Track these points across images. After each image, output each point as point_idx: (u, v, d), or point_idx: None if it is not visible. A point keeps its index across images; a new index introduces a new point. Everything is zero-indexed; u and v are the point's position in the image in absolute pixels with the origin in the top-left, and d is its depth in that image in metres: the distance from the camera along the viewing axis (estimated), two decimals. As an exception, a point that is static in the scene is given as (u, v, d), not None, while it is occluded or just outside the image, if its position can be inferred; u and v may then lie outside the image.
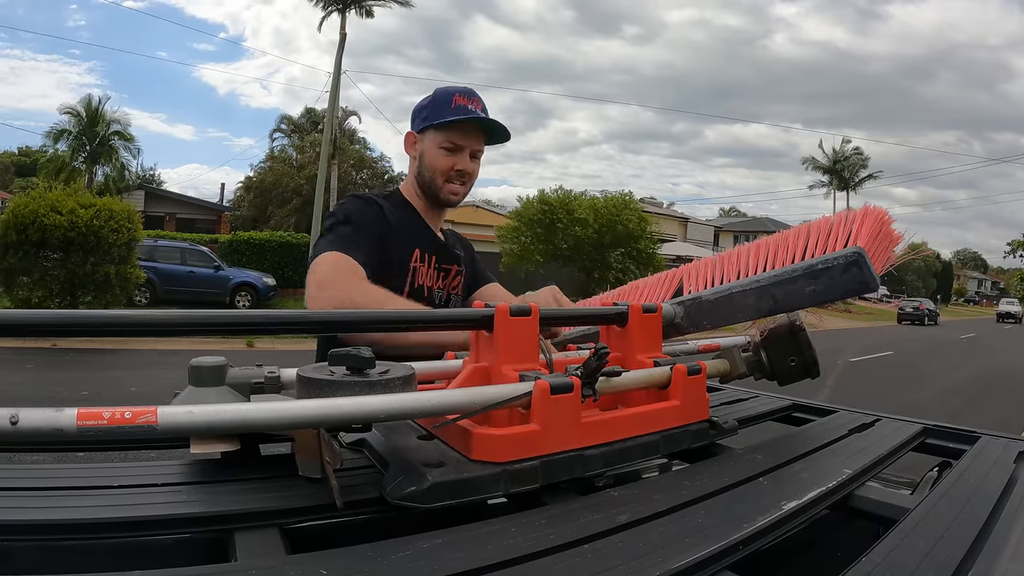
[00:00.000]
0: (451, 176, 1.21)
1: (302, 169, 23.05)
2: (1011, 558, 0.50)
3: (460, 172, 1.22)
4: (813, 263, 0.77)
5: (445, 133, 1.19)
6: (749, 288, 0.82)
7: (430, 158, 1.21)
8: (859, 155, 36.95)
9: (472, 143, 1.22)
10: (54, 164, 18.88)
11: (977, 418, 5.80)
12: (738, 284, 0.83)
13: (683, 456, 0.76)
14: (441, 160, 1.20)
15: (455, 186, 1.23)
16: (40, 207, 7.88)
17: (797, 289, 0.78)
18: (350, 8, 17.27)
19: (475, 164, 1.24)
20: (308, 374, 0.55)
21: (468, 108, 1.18)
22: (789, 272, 0.79)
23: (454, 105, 1.18)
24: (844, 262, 0.74)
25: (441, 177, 1.21)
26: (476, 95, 1.21)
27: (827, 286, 0.76)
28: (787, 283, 0.79)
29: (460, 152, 1.21)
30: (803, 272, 0.77)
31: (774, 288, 0.80)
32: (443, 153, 1.20)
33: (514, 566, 0.44)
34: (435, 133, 1.20)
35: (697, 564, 0.46)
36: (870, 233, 0.76)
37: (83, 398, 4.61)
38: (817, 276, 0.76)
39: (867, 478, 0.69)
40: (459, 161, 1.21)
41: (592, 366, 0.62)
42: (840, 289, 0.75)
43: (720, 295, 0.85)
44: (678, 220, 33.98)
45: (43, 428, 0.42)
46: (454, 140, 1.20)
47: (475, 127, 1.21)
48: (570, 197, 17.01)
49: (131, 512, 0.50)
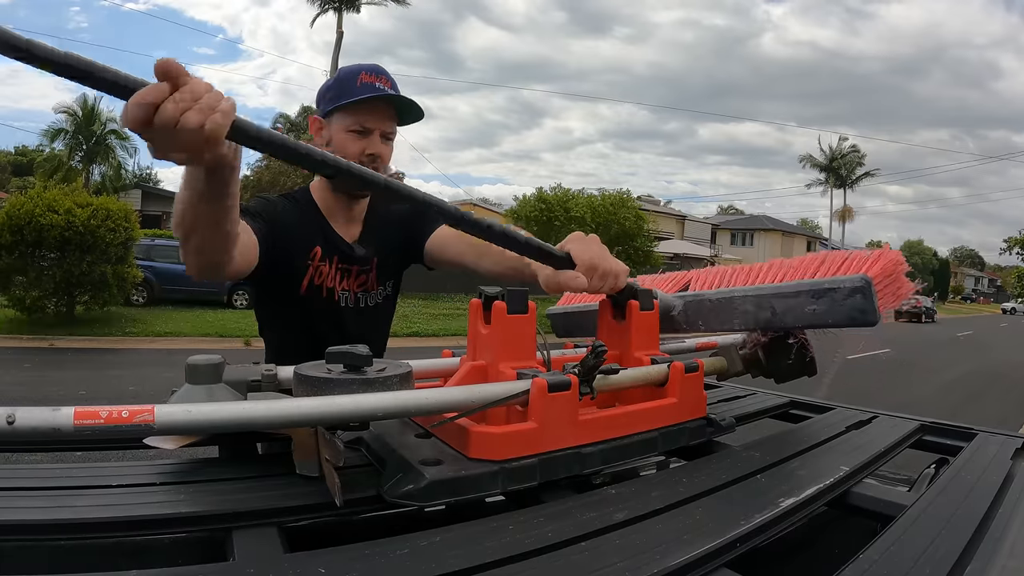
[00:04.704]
0: (362, 162, 1.08)
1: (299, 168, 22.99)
2: (1008, 554, 0.50)
3: (372, 156, 1.10)
4: (819, 281, 0.77)
5: (353, 115, 1.09)
6: (750, 295, 0.82)
7: (338, 143, 1.10)
8: (856, 152, 37.02)
9: (383, 124, 1.11)
10: (51, 163, 18.81)
11: (974, 413, 5.82)
12: (740, 290, 0.84)
13: (680, 453, 0.76)
14: (350, 145, 1.09)
15: None
16: (37, 207, 7.85)
17: (798, 304, 0.78)
18: (347, 8, 17.23)
19: (387, 146, 1.13)
20: (305, 372, 0.55)
21: (375, 86, 1.08)
22: (793, 287, 0.79)
23: (360, 83, 1.08)
24: (850, 286, 0.73)
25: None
26: (384, 72, 1.11)
27: (828, 309, 0.76)
28: (789, 297, 0.79)
29: (370, 135, 1.10)
30: (807, 289, 0.77)
31: (774, 299, 0.80)
32: (352, 137, 1.10)
33: (512, 564, 0.44)
34: (342, 116, 1.10)
35: (694, 561, 0.46)
36: (882, 271, 0.75)
37: (81, 397, 4.60)
38: (820, 296, 0.76)
39: (864, 475, 0.69)
40: (369, 144, 1.10)
41: (590, 364, 0.62)
42: (840, 314, 0.75)
43: (721, 296, 0.85)
44: (675, 218, 33.97)
45: (40, 427, 0.42)
46: (363, 122, 1.09)
47: (385, 106, 1.11)
48: (568, 195, 17.00)
49: (129, 512, 0.50)
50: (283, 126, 29.72)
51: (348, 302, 1.16)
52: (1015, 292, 39.66)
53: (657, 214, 27.94)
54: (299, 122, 29.65)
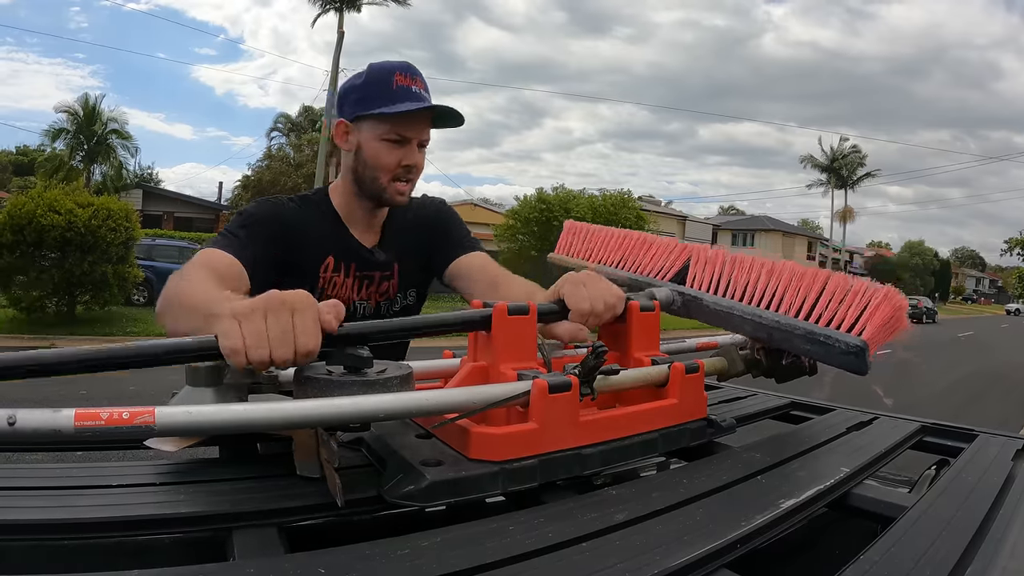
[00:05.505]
0: (398, 174, 1.03)
1: (300, 168, 23.02)
2: (1009, 555, 0.50)
3: (408, 168, 1.04)
4: (815, 332, 0.77)
5: (389, 123, 1.01)
6: (749, 318, 0.83)
7: (372, 153, 1.03)
8: (857, 153, 36.99)
9: (420, 132, 1.03)
10: (52, 163, 18.82)
11: (975, 414, 5.81)
12: (741, 308, 0.84)
13: (681, 454, 0.76)
14: (386, 155, 1.02)
15: (402, 184, 1.05)
16: (38, 207, 7.85)
17: (794, 342, 0.79)
18: (348, 8, 17.24)
19: (422, 155, 1.06)
20: (306, 373, 0.55)
21: (413, 91, 1.01)
22: (791, 325, 0.79)
23: (395, 86, 1.00)
24: (845, 348, 0.74)
25: (387, 175, 1.03)
26: (418, 72, 1.02)
27: (822, 353, 0.77)
28: (787, 332, 0.79)
29: (407, 144, 1.03)
30: (804, 333, 0.78)
31: (773, 330, 0.81)
32: (387, 146, 1.02)
33: (512, 564, 0.44)
34: (376, 123, 1.02)
35: (695, 562, 0.45)
36: (881, 322, 0.75)
37: (81, 397, 4.60)
38: (815, 343, 0.77)
39: (865, 476, 0.69)
40: (407, 155, 1.03)
41: (590, 364, 0.62)
42: (833, 361, 0.76)
43: (722, 308, 0.86)
44: (676, 218, 33.95)
45: (41, 429, 0.42)
46: (401, 131, 1.01)
47: (425, 113, 1.03)
48: (569, 196, 16.99)
49: (129, 511, 0.50)
50: (283, 126, 29.71)
51: (366, 312, 1.11)
52: (1016, 293, 39.62)
53: (658, 214, 27.94)
54: (299, 122, 29.63)
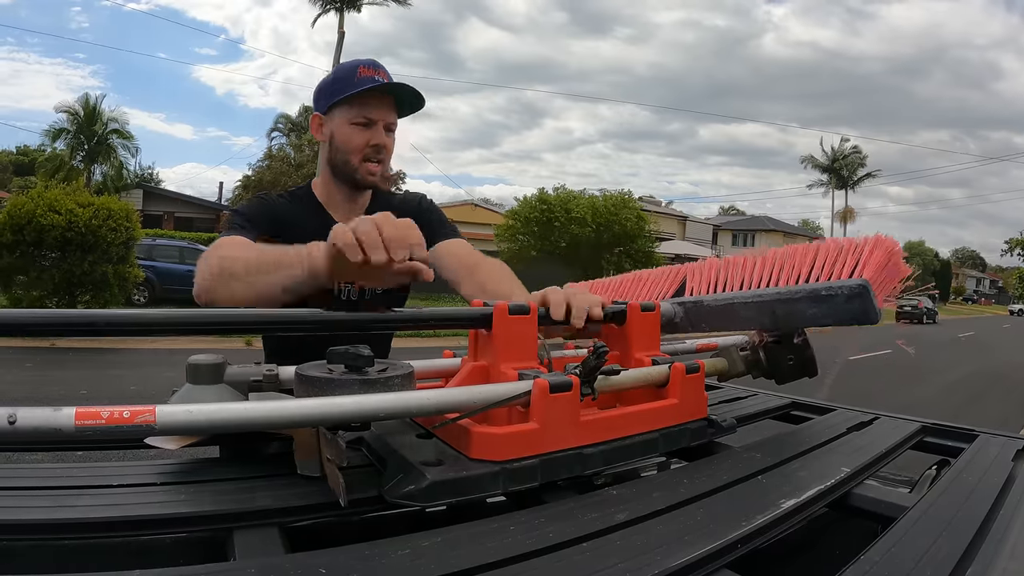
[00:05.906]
0: (367, 154, 1.12)
1: (300, 168, 23.01)
2: (1010, 556, 0.50)
3: (376, 147, 1.12)
4: (817, 288, 0.76)
5: (356, 107, 1.10)
6: (751, 301, 0.82)
7: (343, 138, 1.12)
8: (857, 153, 36.99)
9: (386, 115, 1.13)
10: (52, 163, 18.85)
11: (976, 415, 5.81)
12: (740, 295, 0.83)
13: (682, 454, 0.76)
14: (354, 137, 1.11)
15: (372, 164, 1.14)
16: (38, 207, 7.86)
17: (798, 310, 0.78)
18: (348, 8, 17.25)
19: (390, 139, 1.15)
20: (307, 372, 0.55)
21: (375, 78, 1.10)
22: (792, 292, 0.78)
23: (359, 76, 1.10)
24: (848, 292, 0.73)
25: (356, 156, 1.12)
26: (381, 66, 1.12)
27: (828, 312, 0.75)
28: (789, 302, 0.79)
29: (374, 126, 1.11)
30: (806, 295, 0.77)
31: (776, 305, 0.80)
32: (356, 129, 1.11)
33: (513, 564, 0.44)
34: (344, 109, 1.11)
35: (695, 562, 0.46)
36: (877, 265, 0.75)
37: (82, 396, 4.60)
38: (820, 301, 0.76)
39: (866, 476, 0.69)
40: (374, 135, 1.11)
41: (591, 364, 0.62)
42: (841, 316, 0.75)
43: (722, 302, 0.85)
44: (677, 218, 33.94)
45: (41, 427, 0.42)
46: (366, 113, 1.10)
47: (386, 98, 1.12)
48: (569, 196, 16.97)
49: (129, 511, 0.50)
50: (284, 126, 29.69)
51: (351, 295, 1.16)
52: (1016, 293, 39.62)
53: (658, 215, 27.92)
54: (300, 122, 29.63)
